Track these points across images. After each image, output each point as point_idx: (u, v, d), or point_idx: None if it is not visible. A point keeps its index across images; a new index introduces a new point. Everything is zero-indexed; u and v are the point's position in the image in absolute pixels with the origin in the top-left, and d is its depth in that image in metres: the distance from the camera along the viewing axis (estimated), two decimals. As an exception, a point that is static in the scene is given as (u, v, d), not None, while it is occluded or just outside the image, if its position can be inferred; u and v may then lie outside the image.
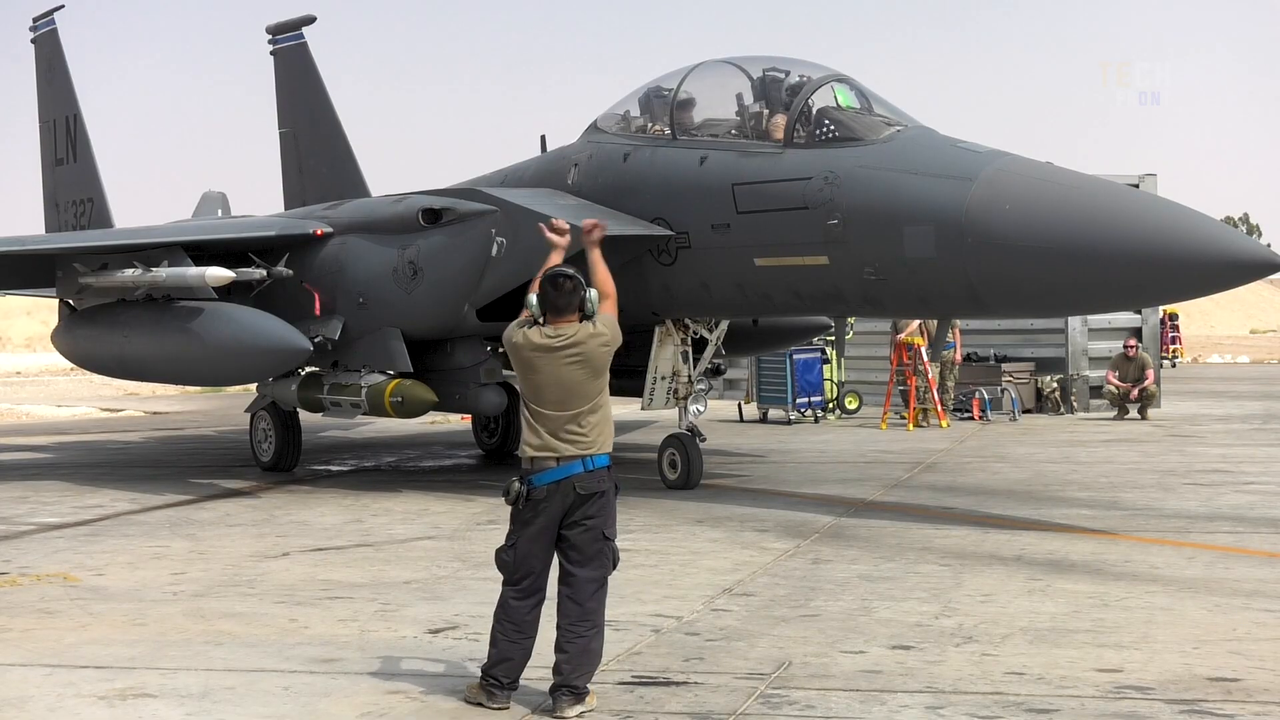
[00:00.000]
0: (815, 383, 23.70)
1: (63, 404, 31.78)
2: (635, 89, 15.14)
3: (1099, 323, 25.03)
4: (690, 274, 14.04)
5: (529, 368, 6.87)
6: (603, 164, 14.80)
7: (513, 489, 6.79)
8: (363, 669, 7.59)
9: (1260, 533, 11.84)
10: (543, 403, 6.84)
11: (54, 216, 23.89)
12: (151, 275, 16.03)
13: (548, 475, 6.78)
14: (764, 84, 13.85)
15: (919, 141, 12.61)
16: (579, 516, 6.80)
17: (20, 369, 47.36)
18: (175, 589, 9.93)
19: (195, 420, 26.95)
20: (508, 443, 19.13)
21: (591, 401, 6.86)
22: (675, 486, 14.80)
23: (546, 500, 6.77)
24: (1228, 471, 16.15)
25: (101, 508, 14.25)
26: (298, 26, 21.18)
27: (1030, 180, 11.72)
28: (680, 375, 15.11)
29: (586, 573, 6.82)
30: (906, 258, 12.14)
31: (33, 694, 7.17)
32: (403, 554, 11.33)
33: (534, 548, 6.84)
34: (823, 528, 12.26)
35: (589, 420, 6.84)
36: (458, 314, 15.35)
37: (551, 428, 6.81)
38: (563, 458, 6.79)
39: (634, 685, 7.16)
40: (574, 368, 6.82)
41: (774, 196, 13.15)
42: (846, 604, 9.09)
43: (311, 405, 16.73)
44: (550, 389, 6.82)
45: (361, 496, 14.91)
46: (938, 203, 11.90)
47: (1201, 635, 8.06)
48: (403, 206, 16.05)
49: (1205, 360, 48.17)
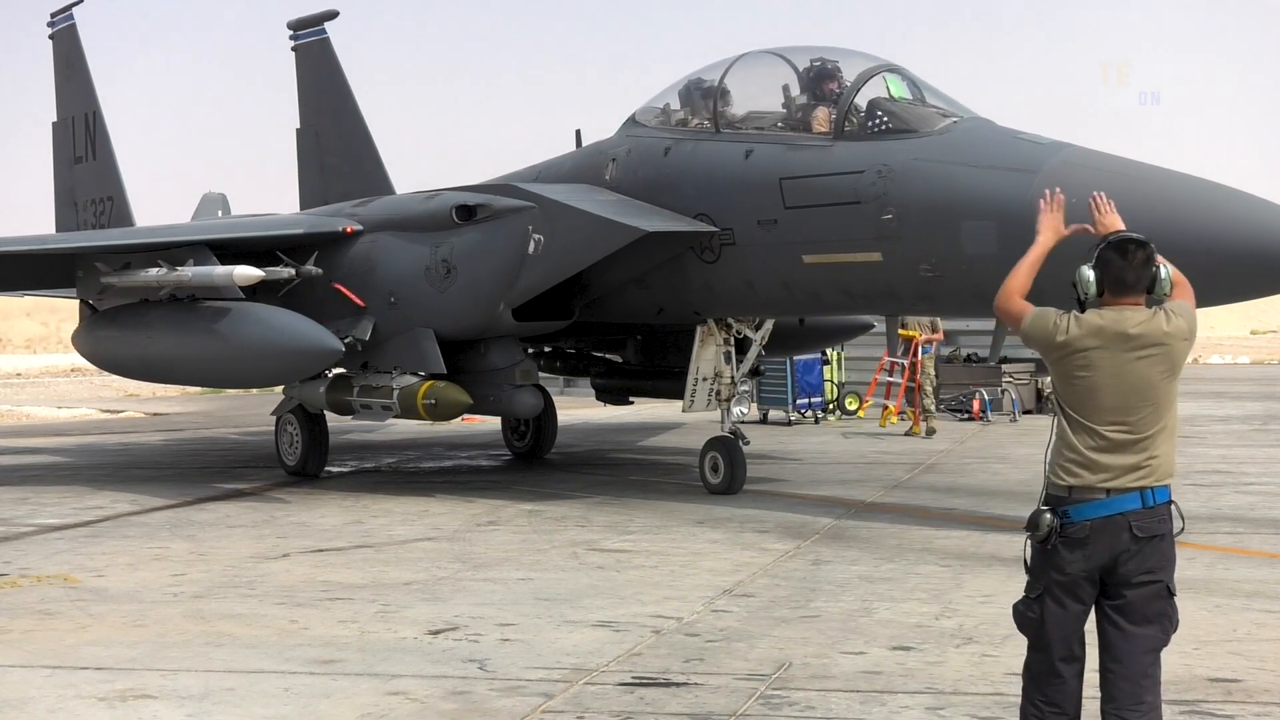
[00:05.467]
0: (815, 384, 23.71)
1: (63, 405, 31.78)
2: (674, 82, 14.72)
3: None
4: (734, 272, 13.61)
5: (1086, 366, 5.31)
6: (642, 158, 14.37)
7: (1043, 522, 5.25)
8: (363, 670, 7.59)
9: (1260, 533, 11.84)
10: (1097, 412, 5.29)
11: (70, 215, 23.55)
12: (177, 274, 15.67)
13: (1093, 509, 5.24)
14: (811, 75, 13.37)
15: (977, 133, 12.20)
16: (1134, 568, 5.25)
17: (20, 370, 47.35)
18: (175, 590, 9.93)
19: (195, 421, 26.94)
20: (540, 447, 18.80)
21: (1164, 415, 5.37)
22: (718, 491, 14.38)
23: (1089, 542, 5.22)
24: (1228, 472, 16.15)
25: (102, 509, 14.24)
26: (320, 21, 20.63)
27: (1097, 172, 11.01)
28: (723, 376, 14.69)
29: (1141, 639, 5.26)
30: (965, 254, 11.70)
31: (33, 695, 7.16)
32: (403, 555, 11.33)
33: (1067, 603, 5.26)
34: (823, 529, 12.26)
35: (1156, 439, 5.36)
36: (493, 313, 14.94)
37: (1106, 446, 5.27)
38: (1115, 489, 5.28)
39: (634, 686, 7.16)
40: (1148, 364, 5.28)
41: (824, 191, 12.68)
42: (847, 605, 9.09)
43: (341, 408, 16.35)
44: (1109, 394, 5.29)
45: (362, 498, 14.91)
46: (999, 197, 11.46)
47: (1202, 636, 8.06)
48: (436, 203, 15.70)
49: (1206, 361, 48.11)
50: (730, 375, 14.70)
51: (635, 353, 18.15)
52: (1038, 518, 5.26)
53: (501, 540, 12.00)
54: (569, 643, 8.13)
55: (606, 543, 11.78)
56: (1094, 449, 5.26)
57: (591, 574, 10.36)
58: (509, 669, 7.56)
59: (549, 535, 12.20)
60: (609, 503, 14.24)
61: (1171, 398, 5.37)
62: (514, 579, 10.21)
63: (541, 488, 15.62)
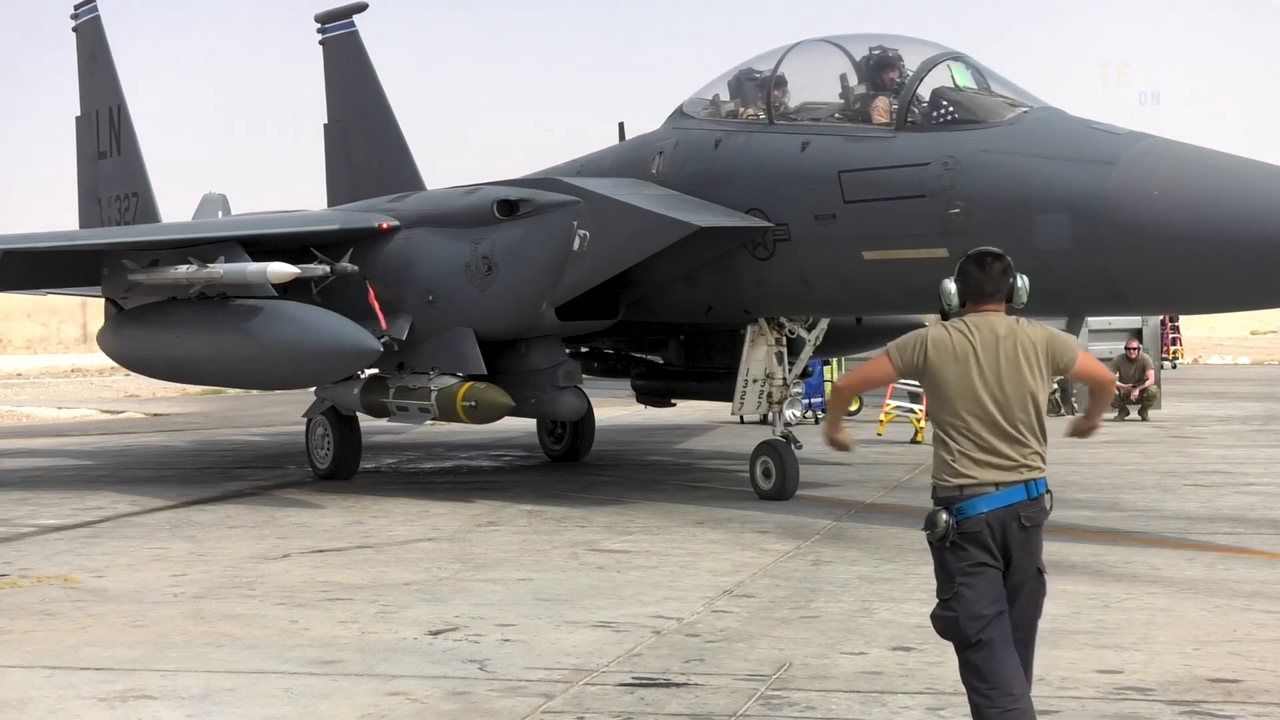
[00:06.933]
0: (815, 384, 23.67)
1: (63, 406, 31.77)
2: (723, 72, 14.26)
3: (1100, 324, 25.01)
4: (789, 269, 13.11)
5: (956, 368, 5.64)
6: (691, 151, 13.89)
7: (940, 522, 5.54)
8: (363, 670, 7.59)
9: (1260, 534, 11.83)
10: (976, 415, 5.59)
11: (94, 212, 23.01)
12: (208, 272, 15.15)
13: (983, 503, 5.55)
14: (870, 64, 12.92)
15: (1048, 123, 11.75)
16: (1020, 554, 5.62)
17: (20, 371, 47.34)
18: (176, 591, 9.93)
19: (196, 422, 26.94)
20: (577, 450, 18.30)
21: (1037, 411, 5.66)
22: (769, 497, 13.89)
23: (984, 535, 5.54)
24: (1228, 473, 16.15)
25: (102, 509, 14.24)
26: (349, 14, 20.03)
27: (1180, 163, 10.79)
28: (774, 378, 14.16)
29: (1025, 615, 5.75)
30: (1038, 249, 11.05)
31: (33, 696, 7.17)
32: (403, 555, 11.33)
33: (978, 582, 5.55)
34: (823, 529, 12.26)
35: (1032, 434, 5.64)
36: (535, 312, 14.46)
37: (989, 445, 5.57)
38: (1002, 483, 5.56)
39: (634, 686, 7.16)
40: (1017, 365, 5.63)
41: (886, 184, 12.15)
42: (847, 605, 9.09)
43: (375, 410, 15.90)
44: (978, 397, 5.60)
45: (362, 498, 14.90)
46: (1074, 189, 11.01)
47: (1202, 636, 8.06)
48: (476, 198, 15.21)
49: (1206, 361, 48.12)
50: (782, 377, 14.18)
51: (678, 353, 17.44)
52: (934, 518, 5.55)
53: (502, 541, 12.00)
54: (569, 643, 8.14)
55: (607, 543, 11.78)
56: (978, 449, 5.58)
57: (592, 574, 10.37)
58: (509, 669, 7.56)
59: (549, 536, 12.21)
60: (609, 503, 14.24)
61: (1042, 395, 5.67)
62: (514, 579, 10.21)
63: (542, 488, 15.62)
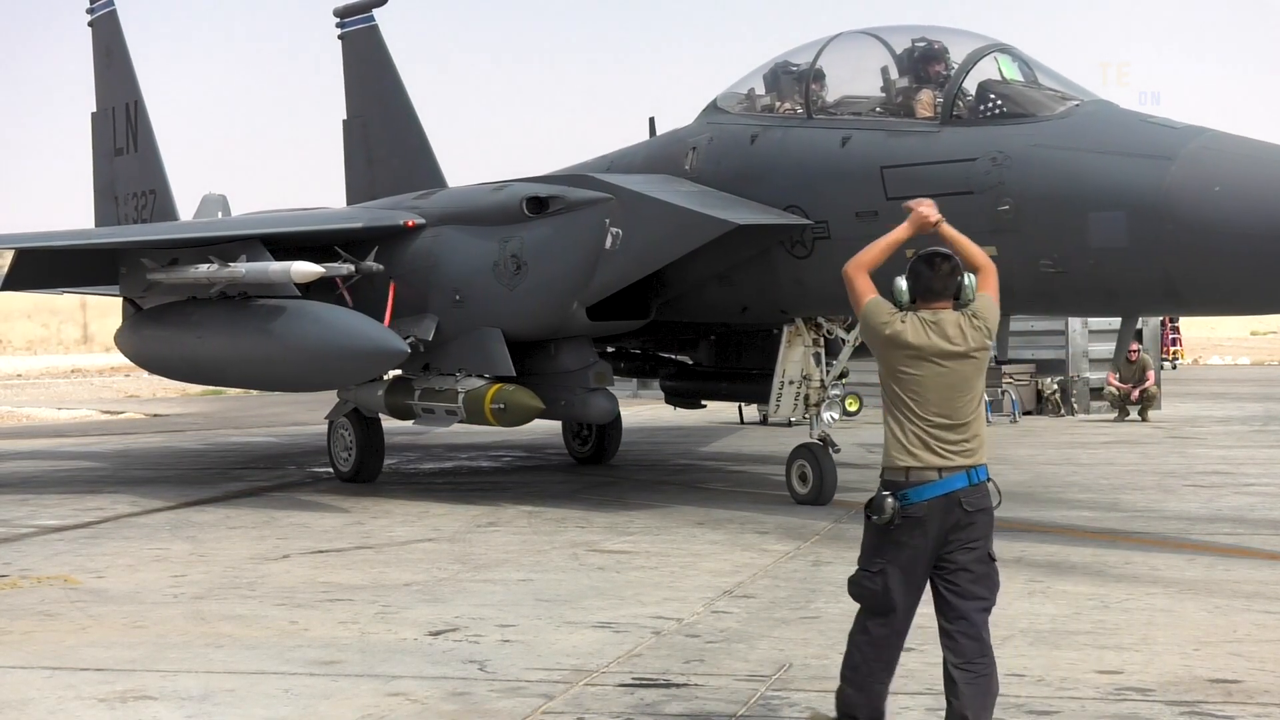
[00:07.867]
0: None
1: (63, 407, 31.77)
2: (759, 65, 13.88)
3: (1099, 325, 24.98)
4: (828, 267, 12.21)
5: (912, 364, 5.96)
6: (726, 147, 13.54)
7: (886, 506, 5.85)
8: (363, 671, 7.59)
9: (1260, 534, 11.84)
10: (924, 404, 5.91)
11: (110, 209, 22.68)
12: (229, 270, 14.83)
13: (929, 490, 5.87)
14: (913, 56, 12.56)
15: (1101, 116, 11.45)
16: (964, 537, 5.90)
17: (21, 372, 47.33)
18: (175, 591, 9.93)
19: (196, 422, 26.94)
20: (604, 452, 18.00)
21: (977, 402, 6.00)
22: (806, 501, 13.62)
23: (927, 520, 5.86)
24: (1228, 473, 16.16)
25: (102, 510, 14.23)
26: (368, 8, 19.64)
27: (1242, 158, 10.51)
28: (812, 379, 13.83)
29: (977, 602, 5.96)
30: (1092, 248, 10.88)
31: (33, 696, 7.17)
32: (403, 556, 11.33)
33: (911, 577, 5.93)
34: (823, 530, 12.26)
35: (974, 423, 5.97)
36: (565, 312, 14.13)
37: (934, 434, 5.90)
38: (945, 469, 5.88)
39: (634, 687, 7.16)
40: (963, 365, 5.97)
41: (931, 180, 11.61)
42: (847, 606, 8.97)
43: (400, 412, 15.57)
44: (933, 389, 5.92)
45: (361, 499, 14.90)
46: (1130, 185, 10.71)
47: (1202, 637, 8.07)
48: (504, 195, 14.81)
49: (1206, 362, 48.13)
50: (819, 378, 13.86)
51: (709, 353, 17.08)
52: (880, 502, 5.86)
53: (501, 541, 12.00)
54: (569, 644, 8.14)
55: (607, 544, 11.78)
56: (925, 435, 5.90)
57: (592, 575, 10.37)
58: (509, 670, 7.56)
59: (549, 536, 12.21)
60: (609, 503, 14.24)
61: (981, 388, 6.05)
62: (514, 580, 10.21)
63: (542, 489, 15.62)
